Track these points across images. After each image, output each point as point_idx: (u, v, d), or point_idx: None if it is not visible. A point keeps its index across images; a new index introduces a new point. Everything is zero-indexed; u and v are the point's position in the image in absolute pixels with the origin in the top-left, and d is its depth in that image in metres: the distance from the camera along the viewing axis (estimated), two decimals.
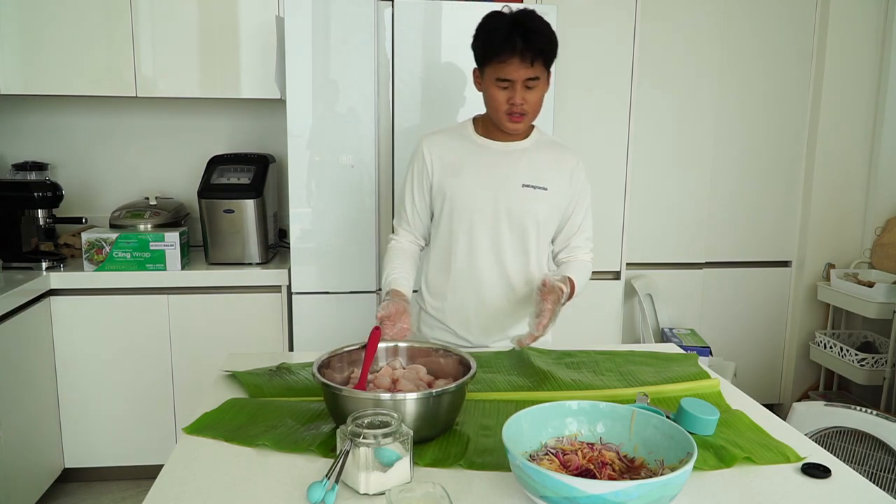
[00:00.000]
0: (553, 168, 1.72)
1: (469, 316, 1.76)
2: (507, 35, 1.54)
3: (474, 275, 1.72)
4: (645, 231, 3.23)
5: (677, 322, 3.32)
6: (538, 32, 1.55)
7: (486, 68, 1.61)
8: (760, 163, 3.35)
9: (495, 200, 1.68)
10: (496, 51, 1.56)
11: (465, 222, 1.69)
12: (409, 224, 1.79)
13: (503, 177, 1.69)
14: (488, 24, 1.59)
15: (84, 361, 2.66)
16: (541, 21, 1.58)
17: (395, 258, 1.74)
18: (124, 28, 2.70)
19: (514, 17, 1.57)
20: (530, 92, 1.60)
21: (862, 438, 2.10)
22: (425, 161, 1.72)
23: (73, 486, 2.79)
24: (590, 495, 0.90)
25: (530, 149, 1.72)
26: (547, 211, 1.71)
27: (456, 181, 1.69)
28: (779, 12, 3.25)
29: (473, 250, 1.71)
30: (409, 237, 1.80)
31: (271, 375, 1.51)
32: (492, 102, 1.64)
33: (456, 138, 1.74)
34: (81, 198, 3.07)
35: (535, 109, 1.64)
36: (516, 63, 1.55)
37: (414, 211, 1.77)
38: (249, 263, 2.77)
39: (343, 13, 2.46)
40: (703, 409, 1.25)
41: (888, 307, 2.94)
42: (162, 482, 1.09)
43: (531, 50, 1.54)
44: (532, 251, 1.73)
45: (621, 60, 2.90)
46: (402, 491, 0.99)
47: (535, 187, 1.68)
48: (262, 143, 3.13)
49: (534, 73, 1.57)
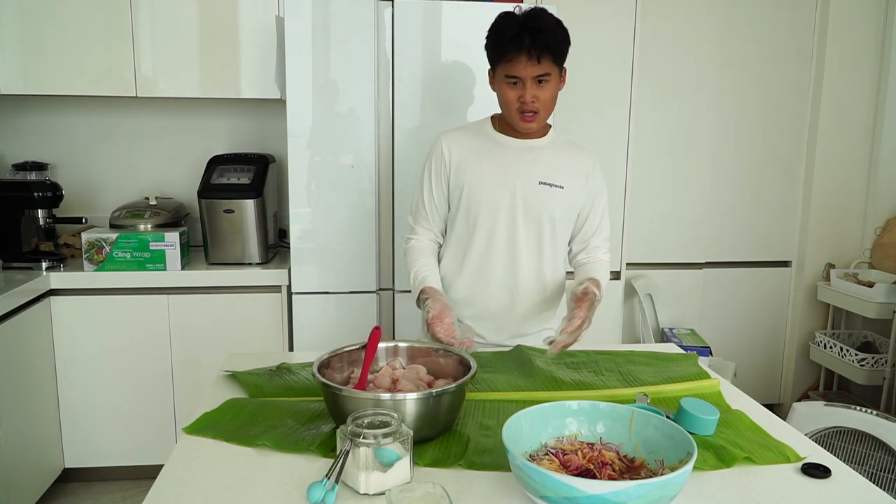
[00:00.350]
0: (570, 167, 1.73)
1: (480, 309, 1.76)
2: (516, 34, 1.56)
3: (486, 270, 1.73)
4: (645, 231, 3.23)
5: (677, 322, 3.32)
6: (545, 30, 1.56)
7: (497, 67, 1.63)
8: (760, 163, 3.35)
9: (512, 196, 1.69)
10: (504, 49, 1.58)
11: (480, 218, 1.70)
12: (427, 221, 1.78)
13: (520, 173, 1.69)
14: (499, 24, 1.62)
15: (84, 361, 2.66)
16: (550, 19, 1.59)
17: (419, 257, 1.74)
18: (124, 28, 2.70)
19: (523, 17, 1.59)
20: (541, 89, 1.61)
21: (862, 438, 2.10)
22: (443, 155, 1.73)
23: (73, 486, 2.79)
24: (590, 495, 0.90)
25: (548, 147, 1.73)
26: (563, 209, 1.72)
27: (473, 176, 1.70)
28: (779, 13, 3.25)
29: (489, 246, 1.72)
30: (429, 235, 1.79)
31: (271, 375, 1.51)
32: (504, 101, 1.65)
33: (474, 135, 1.75)
34: (81, 198, 3.07)
35: (548, 107, 1.65)
36: (524, 60, 1.56)
37: (432, 206, 1.77)
38: (249, 263, 2.77)
39: (343, 13, 2.46)
40: (703, 409, 1.25)
41: (888, 307, 2.94)
42: (162, 482, 1.09)
43: (537, 47, 1.55)
44: (546, 249, 1.74)
45: (621, 60, 2.90)
46: (402, 491, 0.99)
47: (551, 185, 1.69)
48: (262, 143, 3.13)
49: (542, 70, 1.58)
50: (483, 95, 2.31)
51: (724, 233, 3.37)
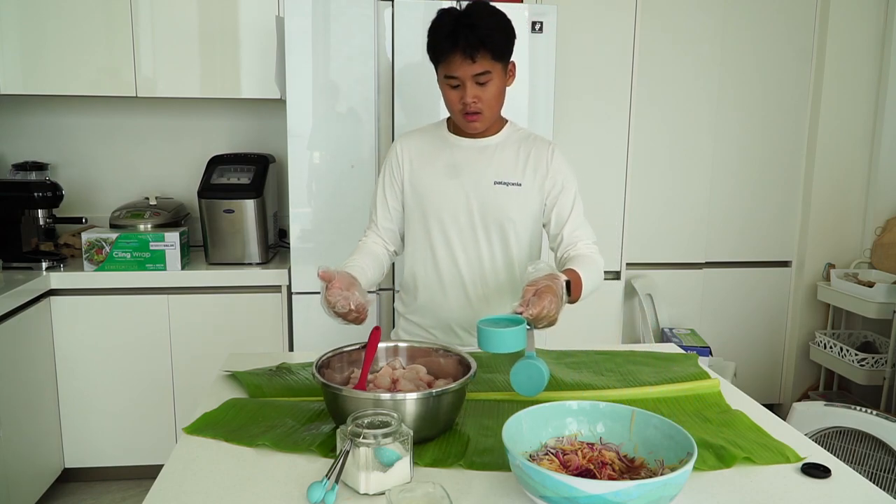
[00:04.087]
0: (526, 161, 1.65)
1: (444, 317, 1.71)
2: (450, 32, 1.49)
3: (452, 279, 1.68)
4: (645, 231, 3.23)
5: (677, 322, 3.32)
6: (480, 26, 1.48)
7: (438, 68, 1.56)
8: (760, 163, 3.35)
9: (467, 200, 1.64)
10: (439, 48, 1.52)
11: (437, 223, 1.66)
12: (376, 226, 1.73)
13: (475, 175, 1.64)
14: (435, 22, 1.54)
15: (84, 361, 2.66)
16: (488, 13, 1.51)
17: (354, 254, 1.66)
18: (124, 28, 2.70)
19: (459, 13, 1.51)
20: (482, 88, 1.53)
21: (862, 438, 2.10)
22: (398, 159, 1.69)
23: (73, 486, 2.79)
24: (590, 495, 0.90)
25: (502, 144, 1.66)
26: (522, 207, 1.65)
27: (428, 181, 1.66)
28: (779, 12, 3.25)
29: (450, 253, 1.67)
30: (377, 240, 1.73)
31: (271, 375, 1.51)
32: (447, 102, 1.59)
33: (429, 138, 1.70)
34: (81, 198, 3.07)
35: (492, 106, 1.57)
36: (459, 59, 1.49)
37: (385, 211, 1.72)
38: (249, 263, 2.77)
39: (343, 13, 2.46)
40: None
41: (888, 307, 2.94)
42: (162, 482, 1.09)
43: (472, 45, 1.47)
44: (516, 254, 1.67)
45: (621, 61, 2.90)
46: (402, 491, 0.99)
47: (507, 184, 1.63)
48: (262, 143, 3.13)
49: (480, 69, 1.50)
50: None
51: (724, 233, 3.37)
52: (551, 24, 2.53)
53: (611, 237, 2.95)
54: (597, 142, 2.95)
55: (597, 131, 2.93)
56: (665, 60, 3.16)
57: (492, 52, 1.50)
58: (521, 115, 2.57)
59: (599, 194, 2.98)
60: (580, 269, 1.49)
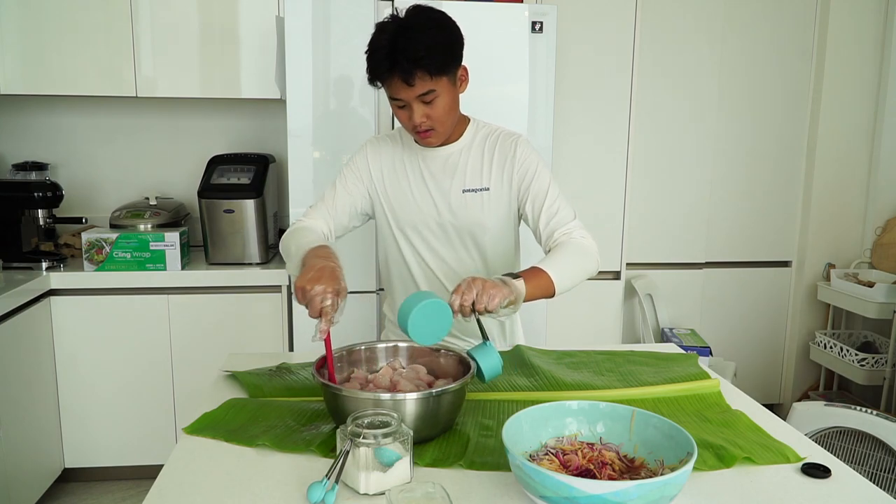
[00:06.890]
0: (492, 163, 1.59)
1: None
2: (386, 54, 1.39)
3: (428, 284, 1.65)
4: (645, 231, 3.23)
5: (677, 322, 3.32)
6: (414, 47, 1.37)
7: (383, 87, 1.47)
8: (760, 163, 3.36)
9: (437, 212, 1.60)
10: (377, 72, 1.42)
11: (412, 233, 1.63)
12: (326, 213, 1.61)
13: (443, 186, 1.59)
14: (371, 42, 1.43)
15: (84, 361, 2.66)
16: (425, 27, 1.40)
17: (309, 234, 1.51)
18: (124, 28, 2.70)
19: (394, 30, 1.39)
20: (430, 107, 1.45)
21: (862, 438, 2.10)
22: (367, 164, 1.63)
23: (73, 486, 2.79)
24: (590, 495, 0.89)
25: (467, 147, 1.60)
26: (492, 213, 1.60)
27: (398, 193, 1.61)
28: (779, 12, 3.25)
29: (424, 261, 1.64)
30: (323, 224, 1.60)
31: (271, 375, 1.51)
32: (399, 121, 1.51)
33: (399, 146, 1.64)
34: (81, 198, 3.07)
35: (444, 121, 1.49)
36: (397, 83, 1.41)
37: (334, 203, 1.62)
38: (249, 263, 2.77)
39: (343, 13, 2.46)
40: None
41: (888, 307, 2.94)
42: (162, 482, 1.09)
43: (405, 71, 1.37)
44: (489, 255, 1.64)
45: (621, 60, 2.90)
46: (402, 491, 0.99)
47: (476, 190, 1.58)
48: (262, 143, 3.13)
49: (422, 90, 1.41)
50: (482, 96, 2.31)
51: (724, 233, 3.37)
52: (551, 24, 2.53)
53: (611, 237, 2.95)
54: (597, 142, 2.95)
55: (597, 131, 2.93)
56: (665, 60, 3.16)
57: (430, 72, 1.40)
58: (522, 115, 2.57)
59: (599, 194, 2.98)
60: (549, 264, 1.41)
